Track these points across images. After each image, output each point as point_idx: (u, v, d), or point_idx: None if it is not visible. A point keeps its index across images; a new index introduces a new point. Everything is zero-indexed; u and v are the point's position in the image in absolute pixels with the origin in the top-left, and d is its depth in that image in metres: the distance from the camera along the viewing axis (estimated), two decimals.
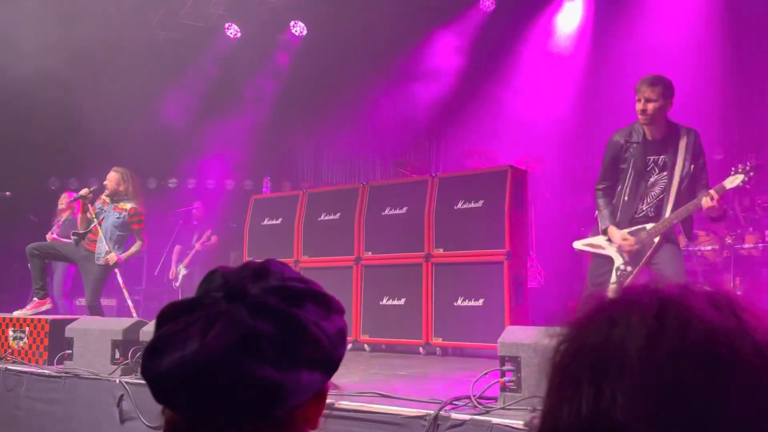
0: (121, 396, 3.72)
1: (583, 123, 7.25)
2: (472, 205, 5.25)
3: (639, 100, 3.74)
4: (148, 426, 3.48)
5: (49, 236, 6.82)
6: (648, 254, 3.78)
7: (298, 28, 8.94)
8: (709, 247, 5.28)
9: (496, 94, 7.96)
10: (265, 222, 6.52)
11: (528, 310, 5.16)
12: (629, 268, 3.84)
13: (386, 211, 5.72)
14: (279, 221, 6.42)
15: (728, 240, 5.17)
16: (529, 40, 7.87)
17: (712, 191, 3.63)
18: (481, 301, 5.06)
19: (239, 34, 8.99)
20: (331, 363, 0.83)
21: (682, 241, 4.02)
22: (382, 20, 8.11)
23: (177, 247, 8.21)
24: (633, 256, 3.84)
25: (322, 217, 6.11)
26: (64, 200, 7.16)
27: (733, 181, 3.63)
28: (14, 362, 4.60)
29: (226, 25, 8.94)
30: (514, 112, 7.75)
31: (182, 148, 9.25)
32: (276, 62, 9.40)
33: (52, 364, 4.41)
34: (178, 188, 9.79)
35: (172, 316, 0.78)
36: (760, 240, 5.06)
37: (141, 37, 8.66)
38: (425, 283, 5.34)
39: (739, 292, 5.21)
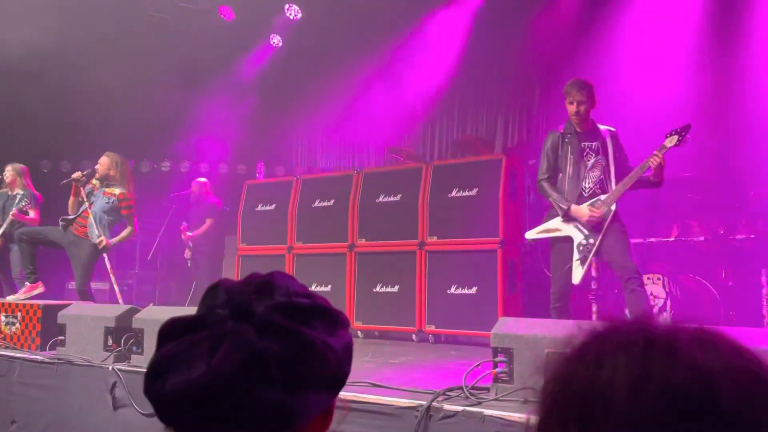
0: (114, 383, 3.72)
1: None
2: (467, 193, 5.25)
3: (571, 103, 4.19)
4: (141, 413, 3.49)
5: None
6: (606, 224, 4.03)
7: (293, 11, 8.85)
8: (701, 238, 5.30)
9: (491, 82, 7.93)
10: (259, 208, 6.50)
11: (521, 298, 5.19)
12: (591, 240, 4.05)
13: (380, 199, 5.71)
14: (273, 207, 6.40)
15: (721, 231, 5.19)
16: (526, 29, 7.82)
17: (655, 152, 4.00)
18: (474, 289, 5.08)
19: (233, 17, 8.90)
20: (338, 381, 0.82)
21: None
22: (378, 5, 8.04)
23: (184, 224, 7.98)
24: (593, 229, 4.07)
25: (316, 204, 6.10)
26: (8, 174, 6.81)
27: (671, 141, 4.03)
28: (6, 348, 4.59)
29: (220, 7, 8.84)
30: (510, 100, 7.72)
31: (175, 131, 9.18)
32: (270, 46, 9.33)
33: (45, 350, 4.41)
34: (171, 172, 9.74)
35: (174, 334, 0.76)
36: (752, 231, 5.08)
37: (134, 18, 8.56)
38: (419, 270, 5.35)
39: (730, 284, 5.24)
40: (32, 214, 6.50)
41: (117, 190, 5.89)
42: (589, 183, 4.19)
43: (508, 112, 7.89)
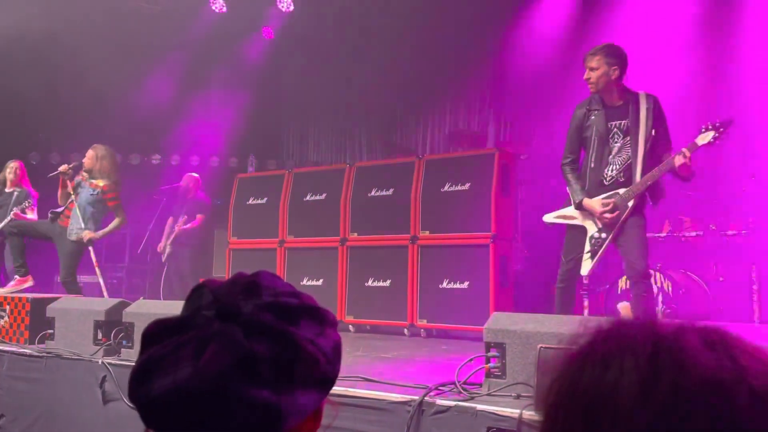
0: (104, 377, 3.70)
1: (571, 106, 7.23)
2: (459, 187, 5.24)
3: (585, 71, 3.90)
4: (131, 407, 3.45)
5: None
6: (622, 218, 3.81)
7: (285, 3, 8.79)
8: (693, 233, 5.31)
9: (485, 75, 7.91)
10: (250, 201, 6.47)
11: (513, 292, 5.19)
12: (603, 235, 3.87)
13: (372, 193, 5.69)
14: (264, 201, 6.37)
15: (712, 226, 5.21)
16: (519, 22, 7.80)
17: (684, 149, 3.66)
18: (466, 284, 5.07)
19: (225, 9, 8.84)
20: (327, 381, 0.80)
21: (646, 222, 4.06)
22: None
23: (170, 219, 7.99)
24: (609, 223, 3.85)
25: (307, 198, 6.08)
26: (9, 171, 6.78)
27: (704, 138, 3.67)
28: None
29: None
30: (503, 95, 7.71)
31: (166, 124, 9.12)
32: (262, 38, 9.26)
33: (34, 344, 4.36)
34: (162, 165, 9.67)
35: (159, 337, 0.74)
36: (743, 227, 5.10)
37: (124, 10, 8.48)
38: (411, 265, 5.34)
39: (721, 279, 5.27)
40: (31, 214, 6.43)
41: (102, 182, 5.86)
42: (612, 170, 3.89)
43: (501, 105, 7.87)
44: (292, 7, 8.73)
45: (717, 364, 0.53)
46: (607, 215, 3.83)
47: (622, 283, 5.06)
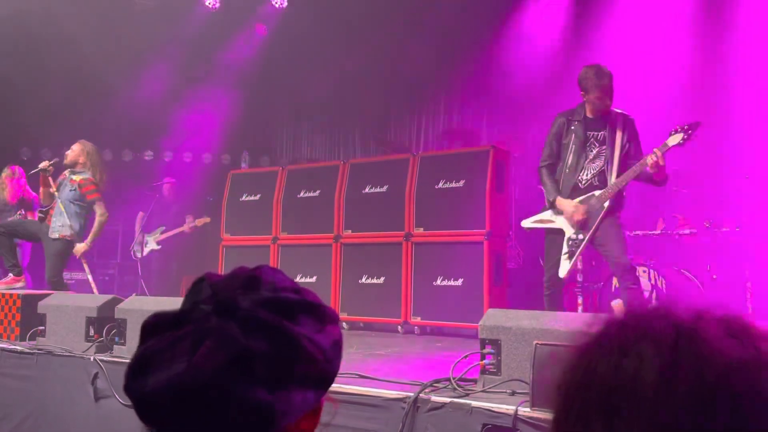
0: (96, 374, 3.67)
1: (566, 106, 7.23)
2: (454, 184, 5.23)
3: (599, 88, 4.00)
4: (123, 404, 3.44)
5: None
6: (598, 219, 3.97)
7: (278, 0, 8.76)
8: (687, 231, 5.32)
9: (479, 73, 7.90)
10: (243, 198, 6.44)
11: (507, 290, 5.19)
12: (581, 236, 4.00)
13: (366, 189, 5.68)
14: (257, 197, 6.34)
15: (706, 224, 5.22)
16: (514, 22, 7.80)
17: (656, 150, 3.85)
18: (460, 281, 5.06)
19: (218, 5, 8.79)
20: (325, 379, 0.79)
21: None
22: None
23: (141, 214, 7.99)
24: (583, 224, 4.02)
25: (301, 194, 6.06)
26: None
27: (674, 139, 3.88)
28: None
29: None
30: (497, 92, 7.70)
31: (159, 120, 9.07)
32: (255, 34, 9.22)
33: (25, 340, 4.32)
34: (155, 161, 9.62)
35: (157, 331, 0.73)
36: (737, 224, 5.11)
37: (117, 5, 8.43)
38: (405, 262, 5.33)
39: (714, 277, 5.27)
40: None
41: (79, 177, 5.73)
42: (587, 175, 4.10)
43: (495, 103, 7.87)
44: (285, 4, 8.70)
45: (740, 351, 0.52)
46: (576, 217, 4.00)
47: (616, 281, 5.06)
